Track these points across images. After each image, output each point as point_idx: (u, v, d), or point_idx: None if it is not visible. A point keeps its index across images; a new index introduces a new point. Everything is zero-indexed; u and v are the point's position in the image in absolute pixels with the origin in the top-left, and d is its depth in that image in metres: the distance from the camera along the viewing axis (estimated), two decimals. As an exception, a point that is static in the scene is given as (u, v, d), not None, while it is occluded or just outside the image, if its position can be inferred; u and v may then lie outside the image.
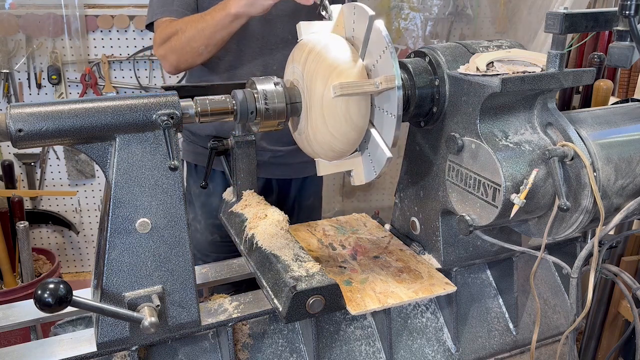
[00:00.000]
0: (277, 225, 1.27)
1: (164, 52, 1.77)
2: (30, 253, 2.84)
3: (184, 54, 1.73)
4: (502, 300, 1.40)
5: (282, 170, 1.99)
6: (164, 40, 1.76)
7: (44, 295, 0.87)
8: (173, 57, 1.76)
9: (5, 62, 3.29)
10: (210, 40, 1.68)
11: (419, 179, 1.31)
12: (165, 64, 1.81)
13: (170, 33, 1.74)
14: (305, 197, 2.11)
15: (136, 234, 1.02)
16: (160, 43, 1.77)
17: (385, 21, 3.59)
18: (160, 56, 1.80)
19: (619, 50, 1.02)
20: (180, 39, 1.71)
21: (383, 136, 1.08)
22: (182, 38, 1.70)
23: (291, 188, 2.08)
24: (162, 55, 1.78)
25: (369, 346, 1.25)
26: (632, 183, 1.15)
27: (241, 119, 1.11)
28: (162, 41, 1.77)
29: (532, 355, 1.26)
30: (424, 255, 1.33)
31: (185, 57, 1.74)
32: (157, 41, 1.79)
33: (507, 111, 1.13)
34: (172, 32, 1.73)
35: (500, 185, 1.05)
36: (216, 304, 1.16)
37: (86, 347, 1.05)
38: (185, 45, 1.70)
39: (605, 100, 1.95)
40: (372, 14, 1.03)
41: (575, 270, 1.15)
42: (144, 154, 1.01)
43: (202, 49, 1.71)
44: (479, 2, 3.71)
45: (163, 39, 1.76)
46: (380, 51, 1.03)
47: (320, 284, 1.07)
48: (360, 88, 1.04)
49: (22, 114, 0.93)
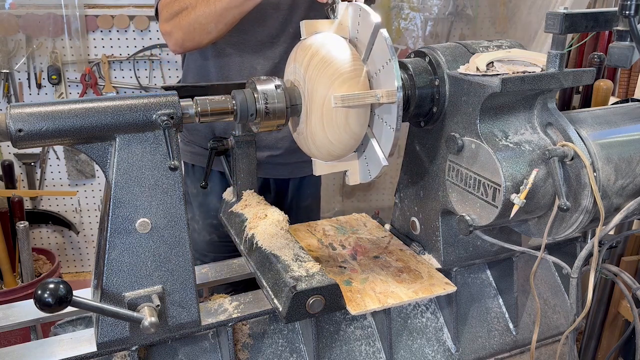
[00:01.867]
0: (277, 225, 1.27)
1: (170, 28, 1.71)
2: (30, 253, 2.84)
3: (191, 32, 1.67)
4: (502, 300, 1.40)
5: (279, 170, 1.99)
6: (172, 16, 1.70)
7: (44, 295, 0.87)
8: (179, 34, 1.70)
9: (5, 62, 3.29)
10: (221, 18, 1.62)
11: (419, 179, 1.31)
12: (171, 41, 1.74)
13: (179, 9, 1.67)
14: (304, 198, 2.11)
15: (136, 234, 1.02)
16: (167, 19, 1.72)
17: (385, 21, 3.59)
18: (166, 33, 1.74)
19: (619, 50, 1.02)
20: (190, 15, 1.65)
21: (381, 145, 1.09)
22: (192, 14, 1.64)
23: (289, 188, 2.07)
24: (168, 31, 1.72)
25: (369, 346, 1.25)
26: (632, 183, 1.15)
27: (241, 119, 1.11)
28: (169, 17, 1.71)
29: (532, 355, 1.26)
30: (424, 255, 1.33)
31: (193, 35, 1.68)
32: (164, 17, 1.73)
33: (507, 111, 1.13)
34: (181, 7, 1.67)
35: (500, 185, 1.05)
36: (216, 304, 1.16)
37: (86, 347, 1.05)
38: (194, 22, 1.65)
39: (605, 100, 1.95)
40: (377, 22, 1.03)
41: (575, 270, 1.15)
42: (144, 154, 1.01)
43: (211, 27, 1.65)
44: (479, 2, 3.71)
45: (171, 15, 1.70)
46: (384, 61, 1.03)
47: (320, 284, 1.07)
48: (361, 100, 1.04)
49: (22, 114, 0.93)
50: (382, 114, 1.07)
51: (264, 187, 2.01)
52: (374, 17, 1.03)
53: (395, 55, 1.01)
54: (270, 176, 2.00)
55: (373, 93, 1.04)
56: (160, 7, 1.76)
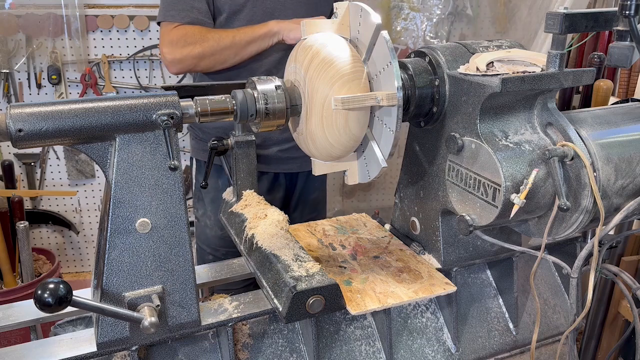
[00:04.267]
0: (277, 225, 1.27)
1: (181, 56, 1.83)
2: (30, 253, 2.84)
3: (209, 61, 1.83)
4: (502, 300, 1.40)
5: (289, 164, 2.02)
6: (186, 44, 1.81)
7: (44, 295, 0.87)
8: (192, 62, 1.83)
9: (5, 62, 3.29)
10: (243, 50, 1.81)
11: (419, 178, 1.31)
12: (174, 67, 1.87)
13: (197, 39, 1.80)
14: (311, 191, 2.15)
15: (136, 234, 1.02)
16: (179, 46, 1.82)
17: (385, 21, 3.59)
18: (175, 60, 1.85)
19: (619, 50, 1.02)
20: (212, 46, 1.79)
21: (380, 147, 1.09)
22: (214, 46, 1.79)
23: (297, 181, 2.10)
24: (178, 59, 1.84)
25: (369, 346, 1.25)
26: (632, 183, 1.15)
27: (241, 119, 1.11)
28: (182, 44, 1.82)
29: (532, 355, 1.26)
30: (424, 255, 1.33)
31: (207, 63, 1.84)
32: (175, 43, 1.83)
33: (507, 111, 1.13)
34: (200, 38, 1.80)
35: (500, 185, 1.05)
36: (216, 304, 1.16)
37: (86, 347, 1.05)
38: (216, 53, 1.81)
39: (605, 100, 1.95)
40: (378, 23, 1.03)
41: (575, 270, 1.15)
42: (144, 154, 1.01)
43: (230, 58, 1.83)
44: (479, 2, 3.70)
45: (185, 43, 1.81)
46: (384, 64, 1.03)
47: (320, 284, 1.07)
48: (361, 103, 1.04)
49: (22, 114, 0.93)
50: (382, 116, 1.07)
51: (274, 182, 2.04)
52: (374, 18, 1.03)
53: (396, 57, 1.01)
54: (281, 170, 2.03)
55: (373, 96, 1.04)
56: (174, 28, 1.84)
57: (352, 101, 1.03)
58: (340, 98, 1.02)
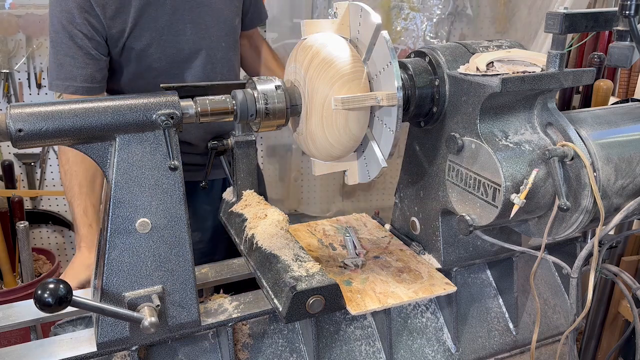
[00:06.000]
0: (277, 225, 1.27)
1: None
2: (30, 253, 2.84)
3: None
4: (502, 300, 1.40)
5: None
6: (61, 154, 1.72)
7: (44, 295, 0.87)
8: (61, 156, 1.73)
9: (5, 62, 3.29)
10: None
11: (419, 178, 1.31)
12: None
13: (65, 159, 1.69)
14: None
15: (136, 234, 1.02)
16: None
17: (385, 21, 3.59)
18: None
19: (619, 50, 1.02)
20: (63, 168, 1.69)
21: (380, 147, 1.09)
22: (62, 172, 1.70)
23: None
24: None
25: (369, 346, 1.25)
26: (632, 183, 1.15)
27: (241, 119, 1.11)
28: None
29: (532, 355, 1.26)
30: (424, 255, 1.33)
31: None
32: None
33: (507, 111, 1.13)
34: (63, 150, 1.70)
35: (500, 185, 1.05)
36: (216, 304, 1.16)
37: (86, 347, 1.05)
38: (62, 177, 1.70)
39: (605, 100, 1.95)
40: (378, 23, 1.03)
41: (575, 270, 1.15)
42: (144, 154, 1.01)
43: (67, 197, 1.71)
44: (479, 2, 3.70)
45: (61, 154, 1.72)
46: (384, 64, 1.03)
47: (320, 284, 1.07)
48: (361, 103, 1.04)
49: (22, 114, 0.93)
50: (382, 117, 1.07)
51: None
52: (374, 18, 1.03)
53: (396, 57, 1.01)
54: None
55: (373, 96, 1.04)
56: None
57: (352, 101, 1.03)
58: (340, 98, 1.03)
